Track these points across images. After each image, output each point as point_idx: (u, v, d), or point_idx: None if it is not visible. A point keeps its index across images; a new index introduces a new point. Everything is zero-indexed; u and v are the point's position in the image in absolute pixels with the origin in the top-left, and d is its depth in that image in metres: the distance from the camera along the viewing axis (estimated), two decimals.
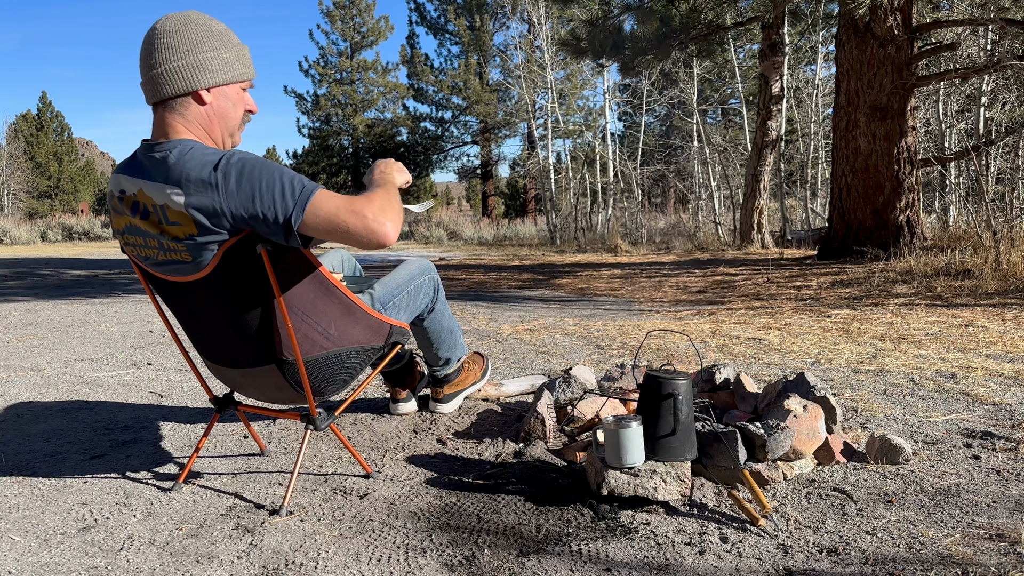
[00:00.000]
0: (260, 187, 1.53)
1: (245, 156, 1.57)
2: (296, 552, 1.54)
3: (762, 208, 11.98)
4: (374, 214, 1.54)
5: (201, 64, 1.62)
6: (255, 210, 1.53)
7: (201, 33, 1.63)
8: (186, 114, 1.64)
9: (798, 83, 17.30)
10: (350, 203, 1.54)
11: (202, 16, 1.66)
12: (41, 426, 2.50)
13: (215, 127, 1.69)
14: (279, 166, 1.58)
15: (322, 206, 1.53)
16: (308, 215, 1.53)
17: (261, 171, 1.54)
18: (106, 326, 4.77)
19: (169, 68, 1.60)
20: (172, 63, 1.60)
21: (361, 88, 31.01)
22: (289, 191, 1.54)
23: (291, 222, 1.53)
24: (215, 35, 1.65)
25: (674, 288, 6.61)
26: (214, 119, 1.68)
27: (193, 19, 1.64)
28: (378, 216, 1.54)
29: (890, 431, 2.17)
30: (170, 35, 1.61)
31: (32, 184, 39.02)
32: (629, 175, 17.98)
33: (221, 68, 1.65)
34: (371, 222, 1.53)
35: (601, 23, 10.17)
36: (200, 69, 1.62)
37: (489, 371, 2.60)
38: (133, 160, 1.66)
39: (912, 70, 8.04)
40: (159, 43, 1.61)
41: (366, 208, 1.54)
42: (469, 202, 52.70)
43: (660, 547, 1.51)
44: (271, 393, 1.91)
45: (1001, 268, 5.74)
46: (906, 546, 1.48)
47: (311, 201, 1.53)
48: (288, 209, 1.53)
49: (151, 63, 1.61)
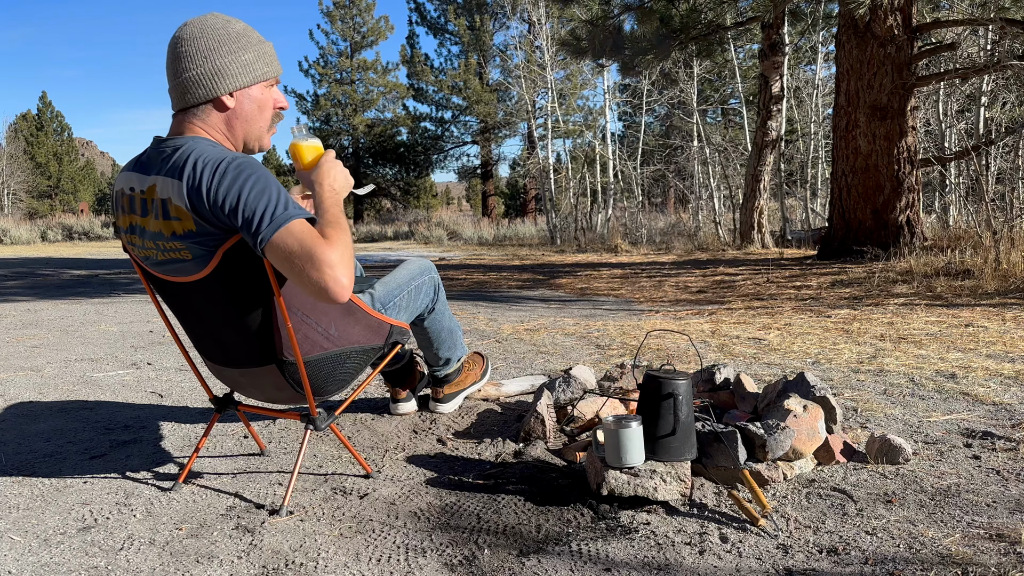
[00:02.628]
0: (249, 194, 1.52)
1: (249, 162, 1.57)
2: (296, 552, 1.54)
3: (762, 208, 11.98)
4: (333, 271, 1.48)
5: (220, 70, 1.63)
6: (236, 214, 1.52)
7: (218, 38, 1.63)
8: (207, 119, 1.65)
9: (798, 83, 17.31)
10: (313, 247, 1.48)
11: (219, 19, 1.66)
12: (41, 426, 2.50)
13: (237, 131, 1.69)
14: (278, 184, 1.57)
15: (290, 238, 1.49)
16: (275, 239, 1.49)
17: (256, 180, 1.53)
18: (106, 326, 4.77)
19: (190, 76, 1.62)
20: (192, 71, 1.62)
21: (361, 88, 31.01)
22: (272, 208, 1.51)
23: (259, 238, 1.50)
24: (232, 38, 1.65)
25: (674, 288, 6.61)
26: (236, 123, 1.68)
27: (210, 24, 1.64)
28: (337, 275, 1.49)
29: (890, 431, 2.17)
30: (188, 43, 1.62)
31: (32, 184, 39.02)
32: (629, 175, 17.99)
33: (241, 71, 1.65)
34: (328, 279, 1.48)
35: (601, 23, 10.17)
36: (219, 75, 1.63)
37: (489, 371, 2.60)
38: (142, 157, 1.67)
39: (912, 70, 8.04)
40: (180, 51, 1.62)
41: (325, 260, 1.48)
42: (469, 202, 52.69)
43: (660, 547, 1.51)
44: (271, 393, 1.91)
45: (1001, 268, 5.74)
46: (906, 546, 1.48)
47: (284, 227, 1.50)
48: (263, 225, 1.50)
49: (176, 71, 1.63)
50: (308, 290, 1.51)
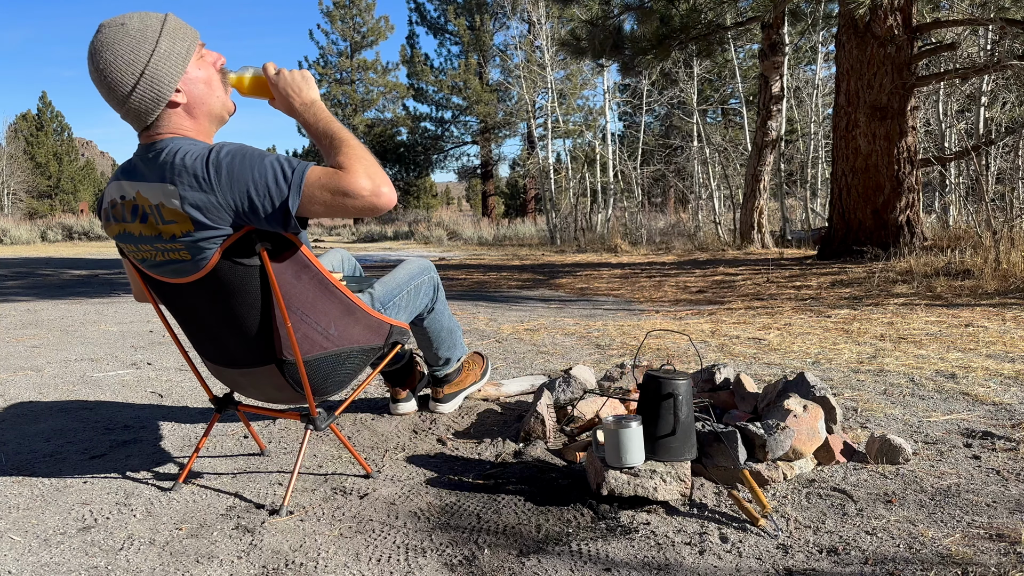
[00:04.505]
0: (253, 176, 1.52)
1: (232, 147, 1.56)
2: (296, 552, 1.54)
3: (762, 208, 11.98)
4: (370, 183, 1.51)
5: (153, 77, 1.55)
6: (252, 200, 1.52)
7: (127, 47, 1.54)
8: (171, 121, 1.62)
9: (798, 83, 17.30)
10: (339, 184, 1.51)
11: (113, 27, 1.55)
12: (41, 426, 2.50)
13: (200, 115, 1.65)
14: (266, 153, 1.57)
15: (316, 184, 1.51)
16: (304, 197, 1.52)
17: (252, 160, 1.53)
18: (106, 326, 4.77)
19: (133, 99, 1.55)
20: (133, 94, 1.55)
21: (361, 88, 31.02)
22: (282, 176, 1.52)
23: (288, 207, 1.52)
24: (138, 40, 1.55)
25: (674, 288, 6.61)
26: (196, 109, 1.64)
27: (111, 39, 1.54)
28: (376, 187, 1.51)
29: (890, 431, 2.17)
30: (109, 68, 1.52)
31: (32, 184, 39.03)
32: (629, 175, 17.98)
33: (170, 65, 1.57)
34: (371, 198, 1.51)
35: (601, 23, 10.17)
36: (156, 82, 1.56)
37: (489, 371, 2.60)
38: (129, 164, 1.66)
39: (912, 70, 8.04)
40: (108, 80, 1.54)
41: (359, 177, 1.50)
42: (469, 202, 52.69)
43: (660, 547, 1.51)
44: (271, 393, 1.91)
45: (1001, 268, 5.74)
46: (906, 546, 1.48)
47: (305, 181, 1.52)
48: (284, 194, 1.52)
49: (117, 99, 1.56)
50: (362, 213, 1.54)
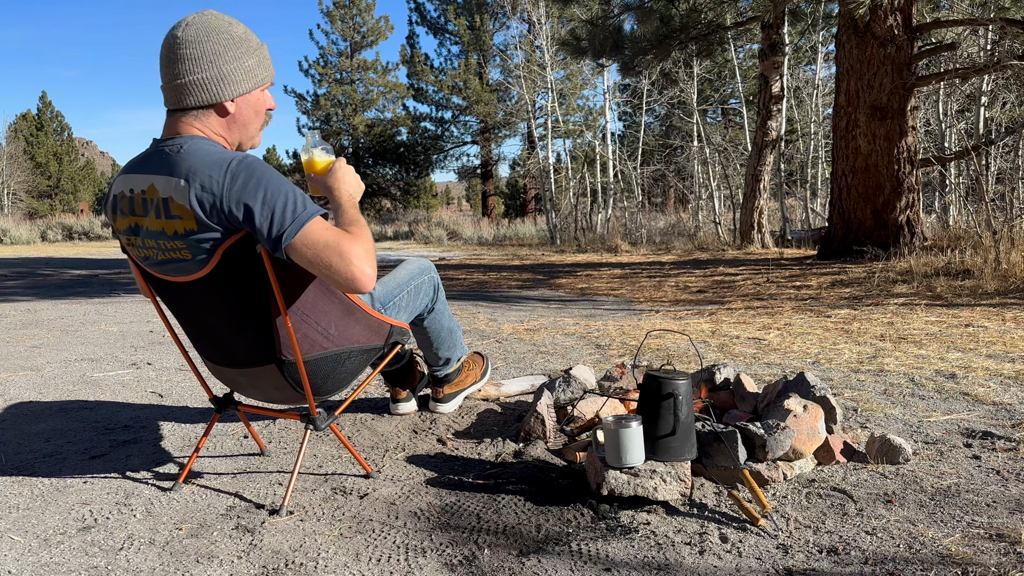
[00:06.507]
0: (265, 195, 1.54)
1: (256, 162, 1.58)
2: (296, 552, 1.54)
3: (762, 208, 11.98)
4: (359, 262, 1.57)
5: (225, 76, 1.62)
6: (253, 216, 1.54)
7: (223, 42, 1.62)
8: (206, 120, 1.65)
9: (798, 83, 17.31)
10: (338, 242, 1.56)
11: (222, 20, 1.64)
12: (41, 426, 2.50)
13: (234, 134, 1.70)
14: (286, 180, 1.59)
15: (314, 236, 1.55)
16: (299, 239, 1.55)
17: (269, 180, 1.56)
18: (106, 326, 4.77)
19: (193, 81, 1.60)
20: (195, 75, 1.60)
21: (361, 88, 31.01)
22: (291, 208, 1.55)
23: (282, 239, 1.55)
24: (236, 42, 1.64)
25: (674, 288, 6.61)
26: (233, 127, 1.69)
27: (213, 26, 1.62)
28: (363, 266, 1.57)
29: (890, 431, 2.17)
30: (192, 45, 1.59)
31: (32, 184, 39.03)
32: (629, 175, 17.98)
33: (244, 77, 1.65)
34: (356, 271, 1.56)
35: (601, 23, 10.17)
36: (224, 81, 1.62)
37: (489, 371, 2.60)
38: (142, 157, 1.67)
39: (912, 70, 8.04)
40: (182, 53, 1.59)
41: (352, 252, 1.56)
42: (469, 202, 52.72)
43: (660, 547, 1.51)
44: (271, 393, 1.91)
45: (1001, 268, 5.74)
46: (906, 546, 1.48)
47: (306, 225, 1.55)
48: (284, 225, 1.54)
49: (175, 73, 1.61)
50: (336, 282, 1.57)
